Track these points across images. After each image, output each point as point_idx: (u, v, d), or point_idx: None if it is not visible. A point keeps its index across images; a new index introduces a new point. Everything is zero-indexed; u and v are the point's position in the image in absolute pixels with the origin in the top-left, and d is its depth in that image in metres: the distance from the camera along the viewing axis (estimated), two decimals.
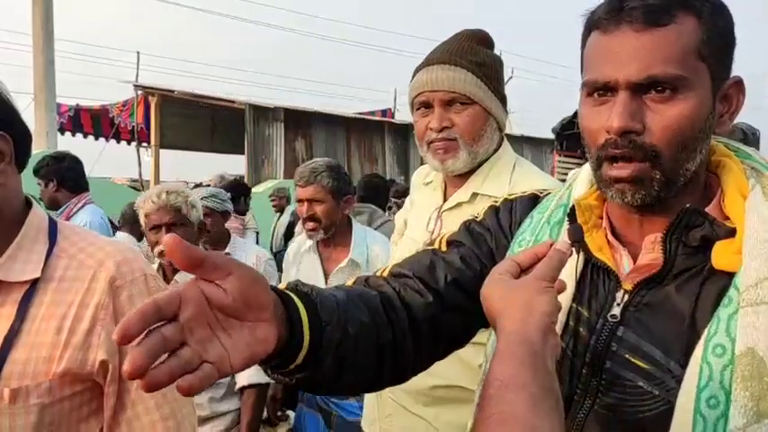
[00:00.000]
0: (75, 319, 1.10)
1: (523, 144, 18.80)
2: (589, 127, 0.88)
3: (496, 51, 1.73)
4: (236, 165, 15.95)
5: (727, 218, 0.86)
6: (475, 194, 1.65)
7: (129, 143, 15.62)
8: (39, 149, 9.31)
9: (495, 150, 1.70)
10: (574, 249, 0.88)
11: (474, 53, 1.64)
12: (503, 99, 1.69)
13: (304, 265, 2.72)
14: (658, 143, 0.83)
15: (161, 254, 2.34)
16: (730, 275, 0.81)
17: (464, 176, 1.69)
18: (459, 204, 1.67)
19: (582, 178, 1.02)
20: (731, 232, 0.83)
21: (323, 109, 15.90)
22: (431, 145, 1.65)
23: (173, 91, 14.31)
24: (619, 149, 0.84)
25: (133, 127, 14.63)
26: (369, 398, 1.88)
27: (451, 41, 1.67)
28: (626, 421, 0.84)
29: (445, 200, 1.73)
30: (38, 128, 9.87)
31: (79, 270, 1.13)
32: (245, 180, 13.36)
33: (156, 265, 2.48)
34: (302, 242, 2.81)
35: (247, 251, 3.51)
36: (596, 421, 0.86)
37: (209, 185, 5.24)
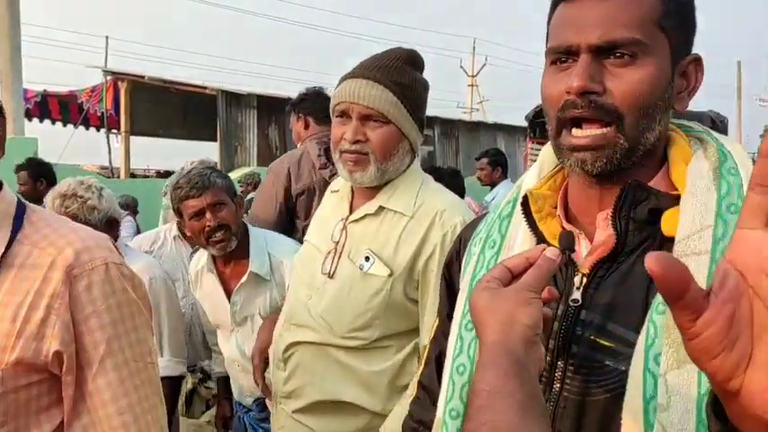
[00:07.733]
0: (30, 308, 1.06)
1: (497, 132, 18.83)
2: (550, 94, 0.89)
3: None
4: (208, 152, 15.80)
5: (676, 188, 0.87)
6: (382, 208, 1.70)
7: (98, 130, 15.31)
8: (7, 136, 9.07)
9: (405, 170, 1.74)
10: (564, 257, 0.86)
11: (400, 73, 1.67)
12: (420, 122, 1.73)
13: (205, 286, 2.47)
14: (620, 105, 0.84)
15: None
16: None
17: (373, 190, 1.72)
18: (365, 216, 1.72)
19: (531, 172, 1.04)
20: (677, 200, 0.85)
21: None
22: (343, 154, 1.68)
23: (143, 77, 14.07)
24: (579, 110, 0.85)
25: (102, 113, 14.35)
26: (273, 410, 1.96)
27: (381, 57, 1.72)
28: (596, 401, 0.84)
29: (351, 211, 1.76)
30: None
31: (40, 258, 1.09)
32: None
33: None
34: (199, 259, 2.51)
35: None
36: (567, 407, 0.86)
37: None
